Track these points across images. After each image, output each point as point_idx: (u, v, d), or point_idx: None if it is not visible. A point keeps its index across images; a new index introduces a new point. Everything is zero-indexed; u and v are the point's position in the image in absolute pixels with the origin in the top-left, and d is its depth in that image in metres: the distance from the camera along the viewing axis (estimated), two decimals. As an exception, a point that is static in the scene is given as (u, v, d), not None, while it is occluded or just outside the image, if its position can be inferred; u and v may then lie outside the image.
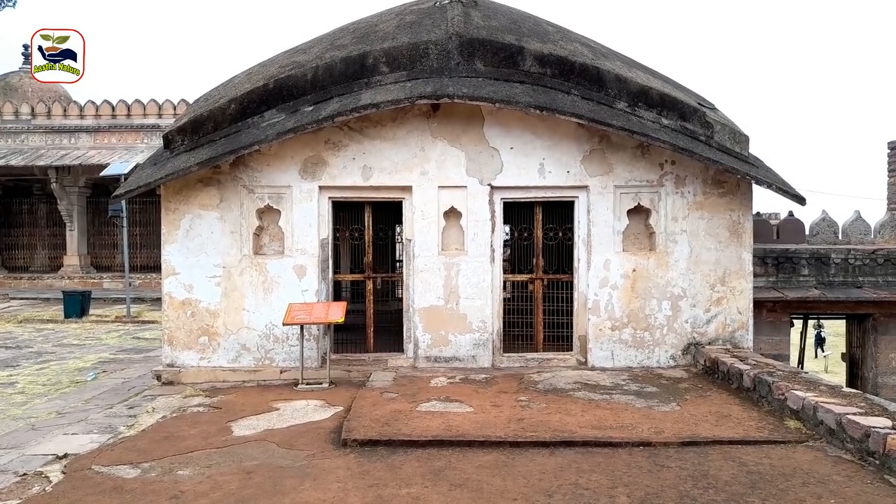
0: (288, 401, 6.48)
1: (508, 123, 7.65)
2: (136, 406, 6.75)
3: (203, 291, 7.62)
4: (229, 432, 5.49)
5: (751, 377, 6.15)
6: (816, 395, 5.30)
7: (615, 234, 7.76)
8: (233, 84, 8.50)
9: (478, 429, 5.27)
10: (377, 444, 5.03)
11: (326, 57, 7.85)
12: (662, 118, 7.64)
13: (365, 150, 7.69)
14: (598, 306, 7.76)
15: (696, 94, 8.75)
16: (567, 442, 5.00)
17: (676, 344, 7.74)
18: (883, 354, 8.90)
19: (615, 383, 6.86)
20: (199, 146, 7.58)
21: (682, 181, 7.72)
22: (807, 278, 8.92)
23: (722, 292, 7.74)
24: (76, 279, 21.18)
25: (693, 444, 4.98)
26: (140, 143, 21.03)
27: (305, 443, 5.15)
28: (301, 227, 7.68)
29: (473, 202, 7.73)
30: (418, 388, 6.67)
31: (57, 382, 8.45)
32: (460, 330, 7.75)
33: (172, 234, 7.62)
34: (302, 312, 7.15)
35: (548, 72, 7.66)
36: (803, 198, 7.57)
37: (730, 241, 7.74)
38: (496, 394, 6.43)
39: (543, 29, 8.51)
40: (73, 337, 12.78)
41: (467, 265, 7.75)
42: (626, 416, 5.60)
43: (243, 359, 7.64)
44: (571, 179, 7.74)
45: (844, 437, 4.70)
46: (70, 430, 5.98)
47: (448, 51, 7.59)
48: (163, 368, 7.68)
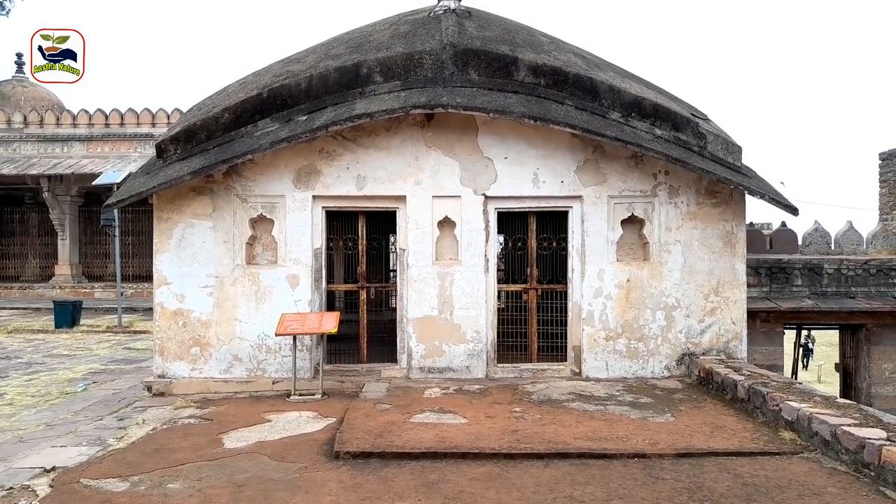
0: (280, 412, 6.42)
1: (503, 133, 7.66)
2: (126, 418, 6.67)
3: (195, 301, 7.56)
4: (220, 444, 5.43)
5: (745, 388, 6.13)
6: (811, 406, 5.29)
7: (609, 244, 7.76)
8: (226, 93, 8.48)
9: (472, 441, 5.23)
10: (370, 457, 4.98)
11: (321, 66, 7.85)
12: (656, 129, 7.67)
13: (359, 160, 7.67)
14: (592, 316, 7.75)
15: (689, 104, 8.80)
16: (562, 454, 4.97)
17: (671, 354, 7.73)
18: (876, 365, 8.91)
19: (610, 394, 6.84)
20: (192, 155, 7.54)
21: (676, 191, 7.74)
22: (800, 288, 8.94)
23: (716, 302, 7.75)
24: (67, 289, 21.04)
25: (688, 455, 4.95)
26: (133, 151, 20.99)
27: (297, 455, 5.10)
28: (294, 236, 7.65)
29: (467, 212, 7.72)
30: (412, 400, 6.62)
31: (46, 394, 8.35)
32: (454, 340, 7.71)
33: (165, 244, 7.57)
34: (295, 323, 7.10)
35: (542, 82, 7.68)
36: (796, 208, 7.60)
37: (723, 251, 7.75)
38: (490, 405, 6.39)
39: (537, 39, 8.54)
40: (63, 347, 12.66)
41: (461, 275, 7.73)
42: (621, 428, 5.57)
43: (235, 370, 7.58)
44: (565, 189, 7.74)
45: (839, 449, 4.68)
46: (58, 443, 5.89)
47: (442, 61, 7.60)
48: (154, 379, 7.60)
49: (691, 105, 8.81)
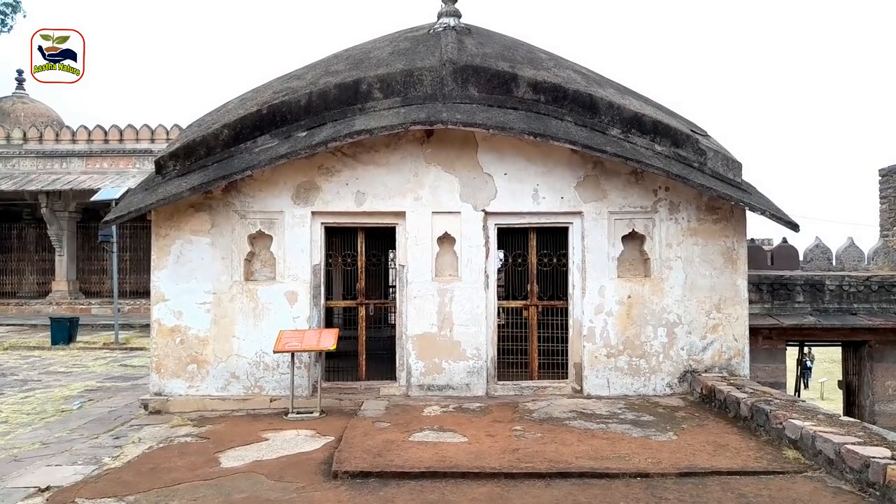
0: (278, 431, 6.34)
1: (502, 149, 7.65)
2: (122, 436, 6.58)
3: (192, 318, 7.50)
4: (217, 463, 5.35)
5: (748, 406, 6.07)
6: (814, 424, 5.23)
7: (610, 260, 7.73)
8: (226, 109, 8.48)
9: (472, 460, 5.16)
10: (369, 476, 4.91)
11: (320, 83, 7.86)
12: (656, 145, 7.66)
13: (358, 176, 7.65)
14: (593, 333, 7.69)
15: (689, 120, 8.81)
16: (563, 473, 4.90)
17: (673, 371, 7.66)
18: (879, 382, 8.85)
19: (611, 412, 6.77)
20: (191, 171, 7.53)
21: (676, 207, 7.72)
22: (802, 305, 8.89)
23: (717, 319, 7.70)
24: (64, 305, 20.92)
25: (691, 474, 4.88)
26: (132, 167, 20.96)
27: (295, 474, 5.02)
28: (293, 252, 7.61)
29: (467, 228, 7.69)
30: (411, 418, 6.54)
31: (42, 411, 8.25)
32: (454, 357, 7.65)
33: (163, 260, 7.53)
34: (293, 340, 7.04)
35: (541, 98, 7.69)
36: (797, 224, 7.58)
37: (724, 267, 7.72)
38: (490, 423, 6.32)
39: (537, 56, 8.57)
40: (59, 364, 12.54)
41: (461, 291, 7.68)
42: (623, 446, 5.50)
43: (232, 387, 7.50)
44: (566, 205, 7.72)
45: (844, 468, 4.62)
46: (54, 462, 5.81)
47: (442, 77, 7.61)
48: (150, 397, 7.52)
49: (691, 121, 8.82)
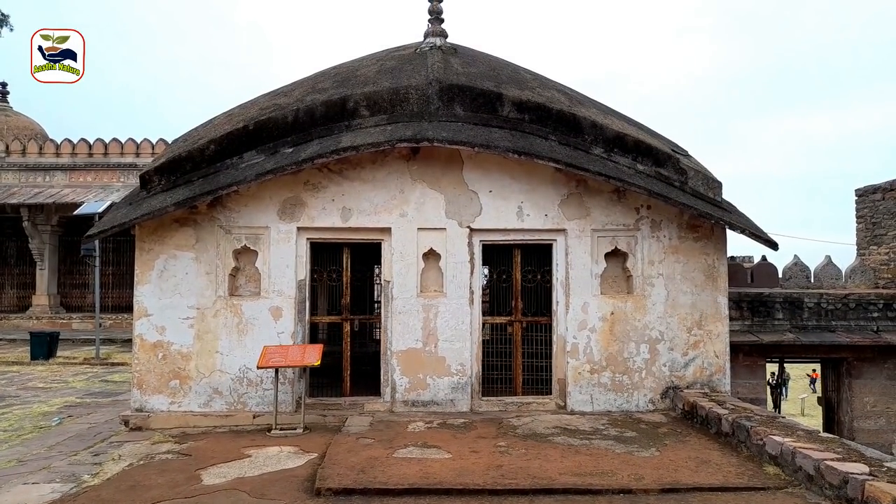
0: (261, 447, 6.30)
1: (487, 167, 7.73)
2: (102, 453, 6.50)
3: (175, 333, 7.45)
4: (198, 481, 5.30)
5: (729, 422, 6.13)
6: (794, 441, 5.30)
7: (593, 277, 7.80)
8: (213, 125, 8.50)
9: (456, 476, 5.16)
10: (352, 493, 4.89)
11: (307, 100, 7.91)
12: (638, 164, 7.79)
13: (344, 192, 7.69)
14: (576, 349, 7.74)
15: (670, 140, 8.96)
16: (547, 489, 4.91)
17: (655, 388, 7.72)
18: (858, 398, 8.96)
19: (595, 428, 6.80)
20: (177, 186, 7.52)
21: (658, 225, 7.83)
22: (781, 322, 9.01)
23: (699, 336, 7.78)
24: (45, 319, 20.64)
25: (673, 490, 4.92)
26: (116, 181, 20.82)
27: (278, 492, 4.99)
28: (278, 268, 7.61)
29: (452, 244, 7.74)
30: (395, 434, 6.53)
31: (19, 428, 8.13)
32: (439, 373, 7.66)
33: (146, 275, 7.49)
34: (277, 355, 7.02)
35: (526, 117, 7.80)
36: (775, 242, 7.72)
37: (705, 284, 7.82)
38: (475, 439, 6.33)
39: (521, 76, 8.69)
40: (38, 380, 12.36)
41: (446, 307, 7.71)
42: (606, 463, 5.53)
43: (215, 403, 7.44)
44: (549, 223, 7.80)
45: (823, 484, 4.68)
46: (31, 479, 5.71)
47: (428, 96, 7.70)
48: (131, 413, 7.44)
49: (672, 141, 8.97)
